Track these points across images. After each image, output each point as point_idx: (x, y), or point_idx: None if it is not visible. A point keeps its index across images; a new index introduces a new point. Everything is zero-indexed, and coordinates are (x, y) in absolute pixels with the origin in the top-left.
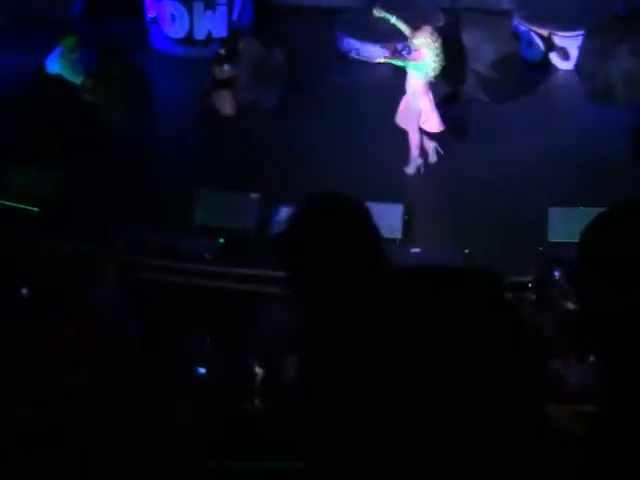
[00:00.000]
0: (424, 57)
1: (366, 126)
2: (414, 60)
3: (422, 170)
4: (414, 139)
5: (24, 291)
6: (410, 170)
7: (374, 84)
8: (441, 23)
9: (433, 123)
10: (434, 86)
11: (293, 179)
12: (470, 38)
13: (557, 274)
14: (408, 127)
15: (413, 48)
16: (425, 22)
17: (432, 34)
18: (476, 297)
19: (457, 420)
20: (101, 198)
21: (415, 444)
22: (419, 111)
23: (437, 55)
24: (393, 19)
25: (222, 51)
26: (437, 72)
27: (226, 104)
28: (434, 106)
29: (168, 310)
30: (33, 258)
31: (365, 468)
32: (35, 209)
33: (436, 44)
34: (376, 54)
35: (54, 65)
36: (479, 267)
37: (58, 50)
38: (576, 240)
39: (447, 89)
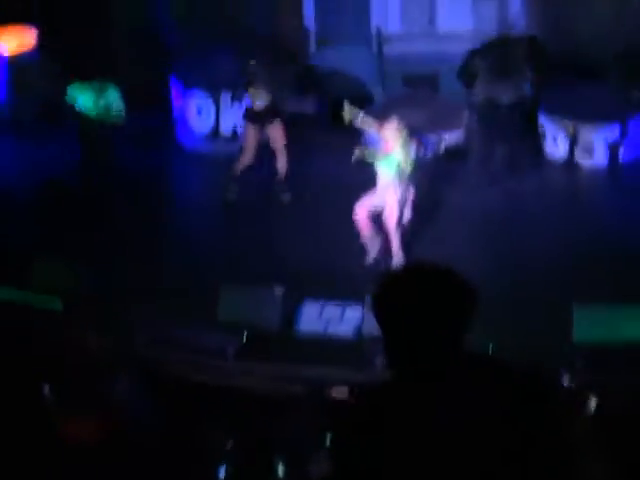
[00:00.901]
0: (392, 149)
1: None
2: (383, 152)
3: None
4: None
5: (45, 389)
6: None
7: None
8: (466, 121)
9: (392, 219)
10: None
11: (319, 271)
12: None
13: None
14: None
15: (383, 140)
16: (449, 119)
17: (399, 125)
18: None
19: None
20: (124, 292)
21: None
22: (389, 205)
23: (404, 147)
24: (361, 114)
25: None
26: (409, 164)
27: None
28: (402, 202)
29: (189, 407)
30: (54, 354)
31: None
32: (58, 303)
33: (404, 136)
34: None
35: (77, 91)
36: (531, 368)
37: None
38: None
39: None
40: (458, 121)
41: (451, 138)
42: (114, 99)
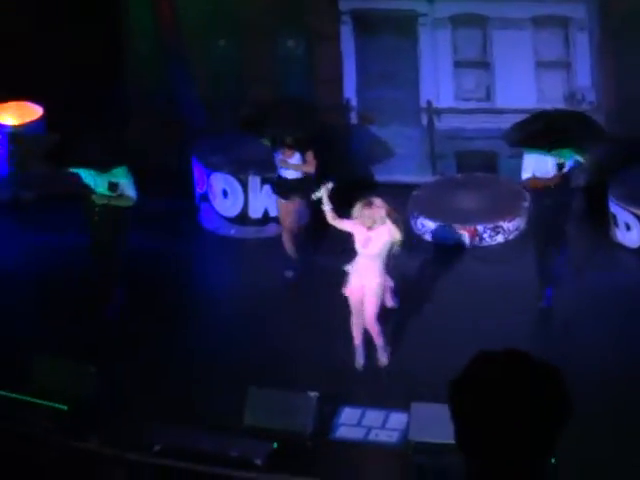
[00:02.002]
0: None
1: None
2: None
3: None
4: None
5: None
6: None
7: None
8: (527, 203)
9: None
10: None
11: (354, 376)
12: None
13: None
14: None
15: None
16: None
17: (384, 207)
18: None
19: None
20: (137, 394)
21: None
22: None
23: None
24: (327, 207)
25: None
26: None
27: None
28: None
29: None
30: (61, 462)
31: None
32: (63, 407)
33: (390, 218)
34: (453, 237)
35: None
36: None
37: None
38: None
39: None
40: (519, 207)
41: (510, 227)
42: (123, 178)
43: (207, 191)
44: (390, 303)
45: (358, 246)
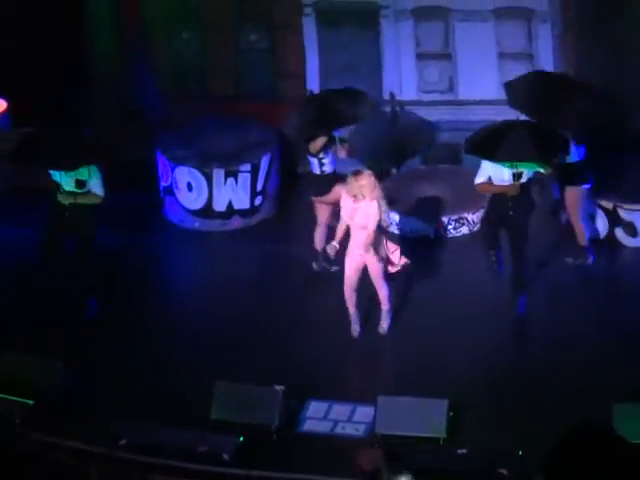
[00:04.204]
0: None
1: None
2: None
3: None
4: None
5: None
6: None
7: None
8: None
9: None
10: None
11: (321, 370)
12: None
13: None
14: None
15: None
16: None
17: (371, 179)
18: None
19: None
20: (104, 389)
21: None
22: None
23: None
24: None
25: None
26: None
27: None
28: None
29: None
30: (25, 457)
31: None
32: (29, 401)
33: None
34: (418, 229)
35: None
36: None
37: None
38: None
39: None
40: (484, 199)
41: (475, 219)
42: (91, 176)
43: (171, 184)
44: (394, 269)
45: (346, 218)
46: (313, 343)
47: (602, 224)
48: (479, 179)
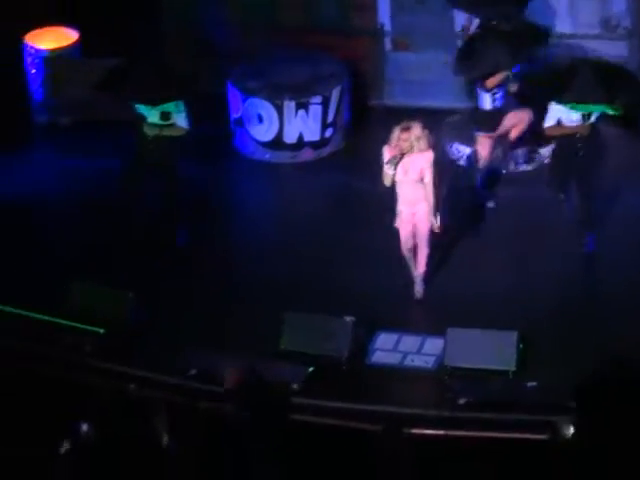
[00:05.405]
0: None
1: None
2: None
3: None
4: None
5: (83, 427)
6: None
7: None
8: None
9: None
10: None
11: (390, 301)
12: None
13: None
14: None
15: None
16: None
17: (422, 131)
18: None
19: None
20: (174, 319)
21: None
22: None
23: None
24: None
25: None
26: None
27: None
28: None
29: (248, 447)
30: (96, 388)
31: None
32: (100, 330)
33: (428, 142)
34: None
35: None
36: None
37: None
38: None
39: None
40: None
41: (546, 152)
42: (176, 109)
43: (242, 116)
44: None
45: (399, 175)
46: (382, 275)
47: None
48: (549, 122)
